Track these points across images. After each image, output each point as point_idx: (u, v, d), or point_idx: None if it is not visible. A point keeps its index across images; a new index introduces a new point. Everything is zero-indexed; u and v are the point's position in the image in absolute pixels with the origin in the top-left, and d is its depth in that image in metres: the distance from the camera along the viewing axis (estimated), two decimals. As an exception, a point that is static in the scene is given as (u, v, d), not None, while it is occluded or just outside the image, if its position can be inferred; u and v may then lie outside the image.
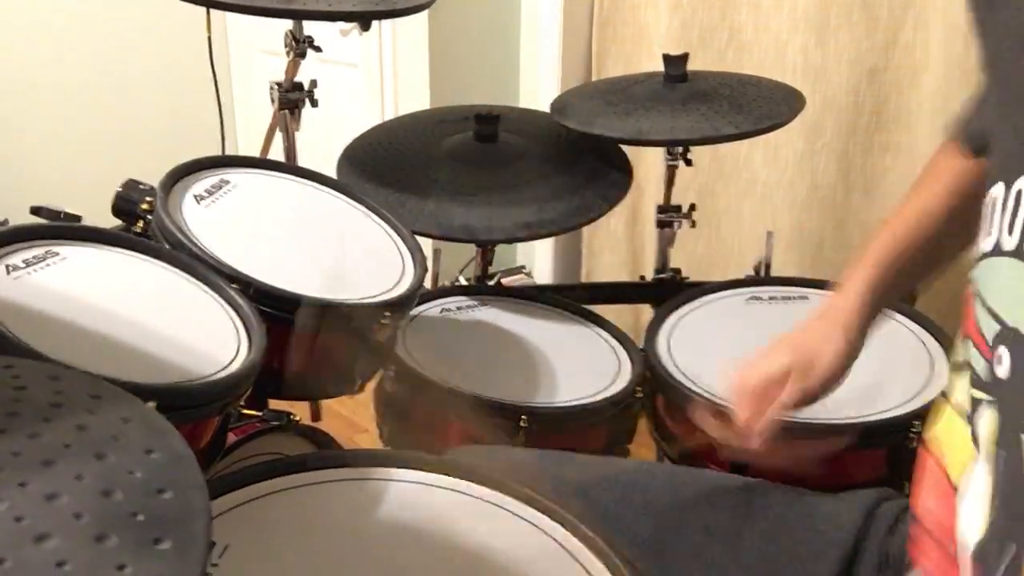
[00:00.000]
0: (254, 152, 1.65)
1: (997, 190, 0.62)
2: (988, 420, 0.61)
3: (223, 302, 1.01)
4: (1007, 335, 0.59)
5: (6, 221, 1.18)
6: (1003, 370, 0.59)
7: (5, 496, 0.46)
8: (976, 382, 0.63)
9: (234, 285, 1.01)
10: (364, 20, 1.65)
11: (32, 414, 0.53)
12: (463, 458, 1.02)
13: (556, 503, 0.83)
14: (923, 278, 0.98)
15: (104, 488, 0.48)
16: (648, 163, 2.15)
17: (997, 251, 0.61)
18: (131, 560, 0.44)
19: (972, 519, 0.62)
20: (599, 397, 1.31)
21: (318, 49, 1.62)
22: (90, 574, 0.43)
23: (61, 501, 0.46)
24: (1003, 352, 0.59)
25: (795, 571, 0.83)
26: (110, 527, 0.45)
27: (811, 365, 0.87)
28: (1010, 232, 0.60)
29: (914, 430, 1.17)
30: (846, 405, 1.09)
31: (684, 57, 1.63)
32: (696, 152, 1.71)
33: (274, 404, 1.37)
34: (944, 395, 0.69)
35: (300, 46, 1.60)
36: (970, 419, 0.64)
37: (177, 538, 0.46)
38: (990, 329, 0.61)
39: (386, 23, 2.45)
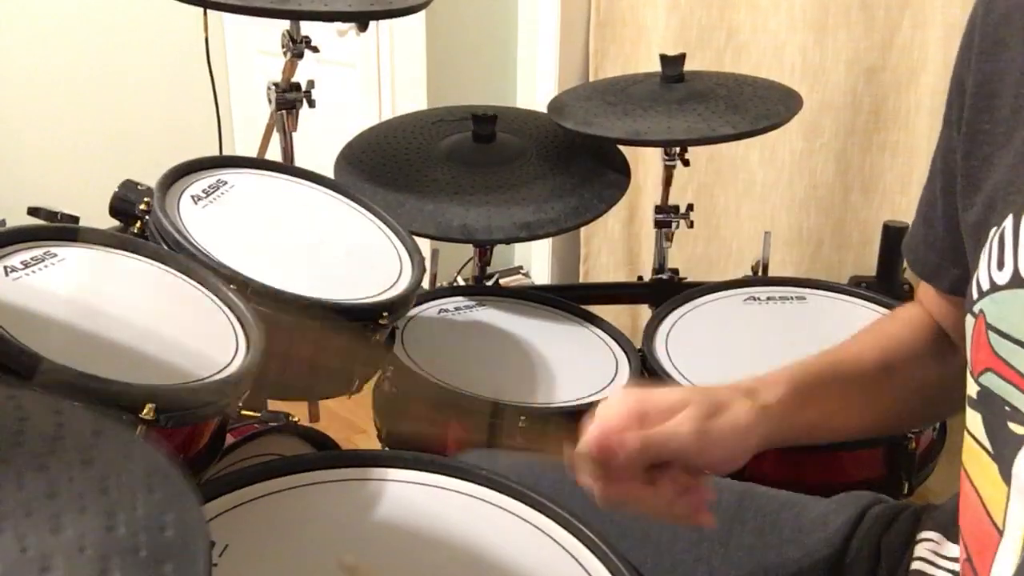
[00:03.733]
0: (251, 152, 1.65)
1: (1006, 223, 0.62)
2: None
3: (221, 303, 1.01)
4: None
5: (4, 222, 1.19)
6: None
7: (10, 527, 0.46)
8: (1015, 416, 0.60)
9: (232, 286, 1.01)
10: (361, 20, 1.65)
11: (36, 445, 0.53)
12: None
13: (556, 503, 0.83)
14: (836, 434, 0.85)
15: (107, 522, 0.48)
16: (646, 163, 2.15)
17: (1017, 282, 0.61)
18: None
19: (1006, 557, 0.61)
20: (597, 397, 1.31)
21: (315, 49, 1.62)
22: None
23: (66, 533, 0.46)
24: None
25: (785, 571, 0.84)
26: (113, 561, 0.45)
27: (715, 411, 0.74)
28: None
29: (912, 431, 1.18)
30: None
31: (681, 57, 1.63)
32: (694, 152, 1.71)
33: (273, 405, 1.37)
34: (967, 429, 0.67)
35: (297, 46, 1.60)
36: (1000, 456, 0.62)
37: (179, 572, 0.46)
38: (1020, 360, 0.59)
39: (383, 23, 2.45)
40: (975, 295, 0.64)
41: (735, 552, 0.85)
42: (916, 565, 0.77)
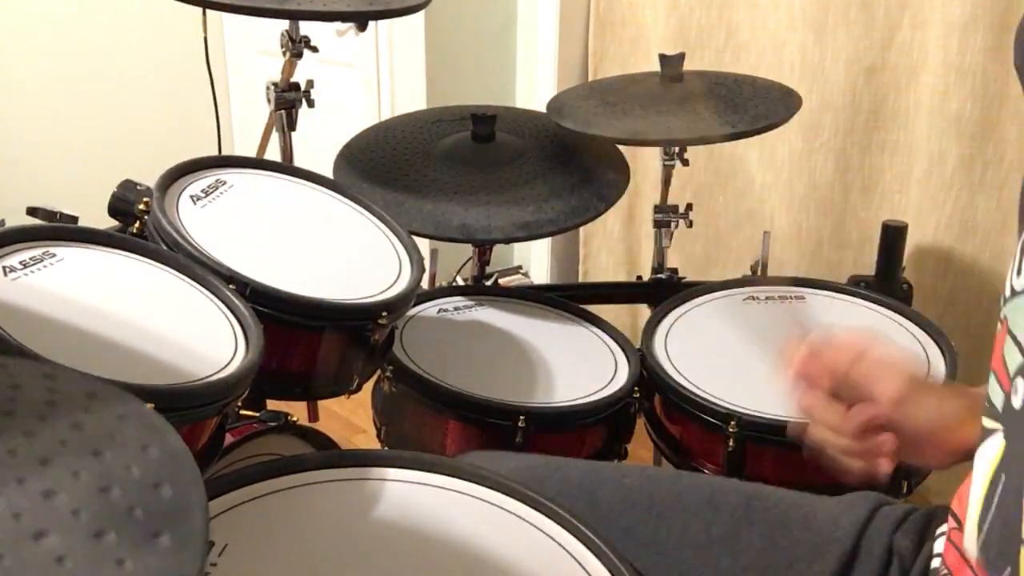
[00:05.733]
0: (251, 152, 1.65)
1: None
2: (994, 448, 0.63)
3: (220, 303, 1.00)
4: None
5: (3, 222, 1.18)
6: (1018, 400, 0.60)
7: (3, 494, 0.46)
8: (989, 412, 0.64)
9: (231, 286, 1.01)
10: (361, 20, 1.65)
11: (28, 413, 0.53)
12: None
13: (556, 503, 0.83)
14: None
15: (101, 485, 0.48)
16: (645, 163, 2.15)
17: None
18: (130, 555, 0.44)
19: (971, 539, 0.63)
20: (596, 397, 1.31)
21: (314, 49, 1.62)
22: (90, 570, 0.43)
23: (59, 498, 0.46)
24: (1020, 383, 0.60)
25: (795, 572, 0.83)
26: (108, 523, 0.45)
27: (922, 392, 0.82)
28: None
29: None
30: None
31: (680, 57, 1.63)
32: (693, 152, 1.71)
33: (272, 405, 1.37)
34: None
35: (296, 46, 1.60)
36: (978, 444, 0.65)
37: (175, 533, 0.46)
38: (1014, 362, 0.62)
39: (382, 23, 2.45)
40: (1002, 301, 0.65)
41: (743, 554, 0.85)
42: (936, 563, 0.77)
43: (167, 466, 0.50)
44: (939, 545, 0.78)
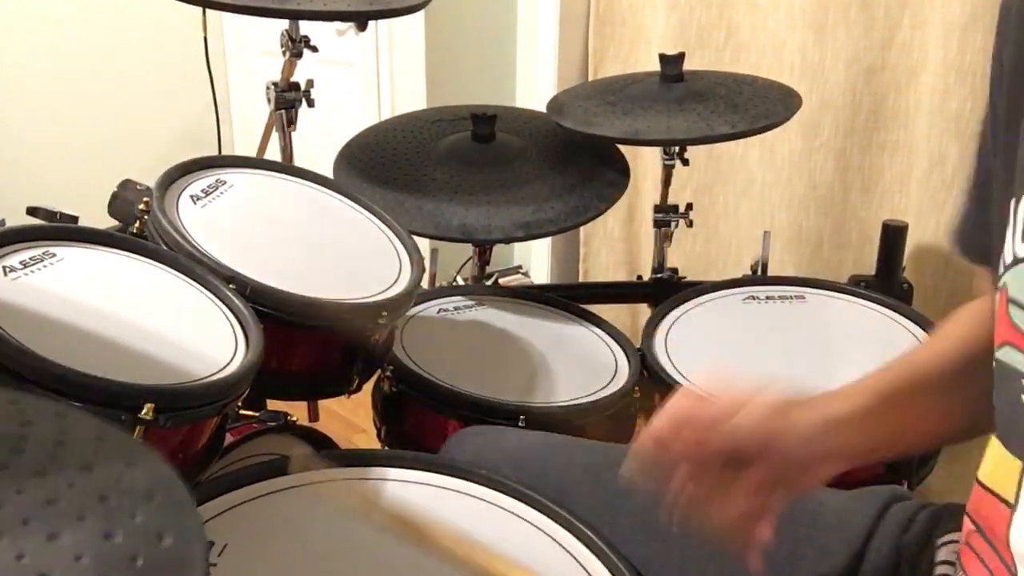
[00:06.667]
0: (251, 152, 1.65)
1: None
2: None
3: (220, 303, 1.01)
4: None
5: (3, 222, 1.18)
6: None
7: (7, 534, 0.46)
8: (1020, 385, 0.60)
9: (231, 286, 1.01)
10: (361, 20, 1.64)
11: (37, 452, 0.53)
12: (470, 441, 1.02)
13: (556, 503, 0.82)
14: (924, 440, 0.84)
15: (105, 531, 0.48)
16: (645, 163, 2.15)
17: None
18: (131, 603, 0.44)
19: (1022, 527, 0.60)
20: (596, 397, 1.31)
21: (314, 49, 1.62)
22: (90, 616, 0.43)
23: (63, 541, 0.46)
24: None
25: (802, 569, 0.82)
26: (110, 570, 0.45)
27: (778, 415, 0.73)
28: None
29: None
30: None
31: (680, 56, 1.63)
32: (693, 152, 1.71)
33: (272, 404, 1.37)
34: None
35: (296, 46, 1.60)
36: (1009, 430, 0.61)
37: None
38: None
39: (382, 23, 2.45)
40: (1000, 269, 0.63)
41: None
42: (941, 570, 0.75)
43: (171, 516, 0.50)
44: (943, 553, 0.76)
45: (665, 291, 1.62)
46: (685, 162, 1.70)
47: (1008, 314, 0.62)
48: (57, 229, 1.01)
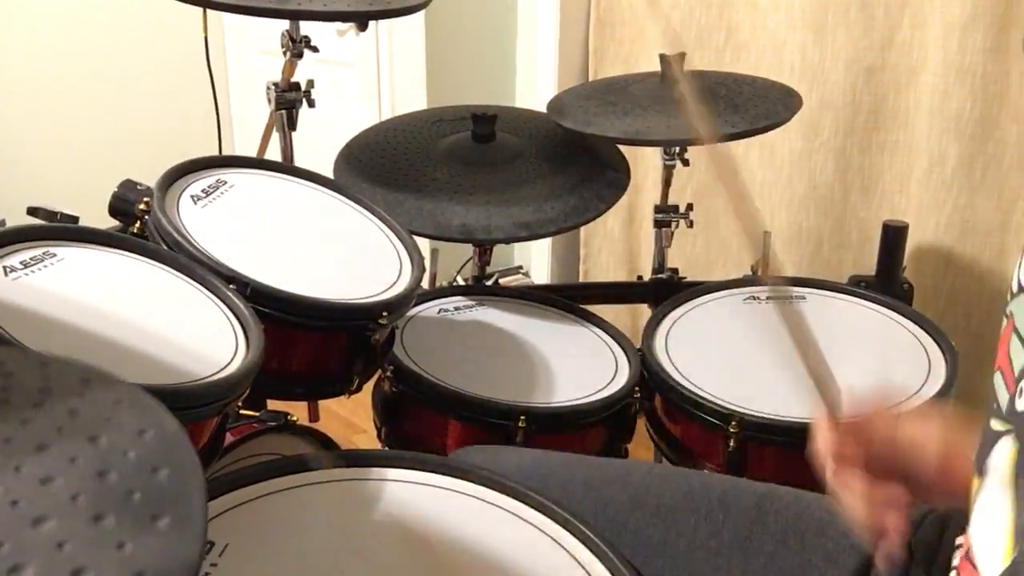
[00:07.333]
0: (251, 152, 1.65)
1: None
2: (1006, 451, 0.60)
3: (220, 303, 1.00)
4: None
5: (3, 222, 1.18)
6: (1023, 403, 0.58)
7: (0, 481, 0.46)
8: (996, 413, 0.62)
9: (231, 285, 1.01)
10: (361, 20, 1.64)
11: (22, 400, 0.53)
12: (468, 459, 1.01)
13: (557, 504, 0.82)
14: None
15: (99, 469, 0.48)
16: (645, 163, 2.15)
17: None
18: (130, 538, 0.44)
19: (992, 550, 0.60)
20: (597, 397, 1.31)
21: (315, 49, 1.62)
22: (90, 554, 0.43)
23: (56, 484, 0.46)
24: None
25: None
26: (107, 507, 0.45)
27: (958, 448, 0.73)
28: None
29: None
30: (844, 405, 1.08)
31: (681, 56, 1.63)
32: (693, 152, 1.71)
33: (272, 404, 1.37)
34: None
35: (297, 46, 1.60)
36: (979, 451, 0.63)
37: (175, 514, 0.46)
38: (1020, 362, 0.60)
39: (383, 23, 2.45)
40: (1009, 297, 0.64)
41: (755, 558, 0.83)
42: None
43: (164, 450, 0.50)
44: (956, 558, 0.74)
45: (665, 291, 1.62)
46: (686, 162, 1.70)
47: (1009, 343, 0.62)
48: (57, 229, 1.01)
